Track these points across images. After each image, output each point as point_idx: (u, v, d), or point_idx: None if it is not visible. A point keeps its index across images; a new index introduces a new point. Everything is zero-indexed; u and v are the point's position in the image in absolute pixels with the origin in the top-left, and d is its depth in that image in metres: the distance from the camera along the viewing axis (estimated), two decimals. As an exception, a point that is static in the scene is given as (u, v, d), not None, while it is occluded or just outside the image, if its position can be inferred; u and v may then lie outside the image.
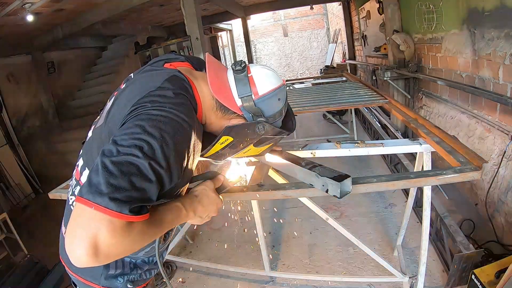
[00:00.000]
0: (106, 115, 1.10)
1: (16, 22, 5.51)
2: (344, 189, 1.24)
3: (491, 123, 3.14)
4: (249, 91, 1.13)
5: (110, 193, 0.75)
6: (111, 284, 1.18)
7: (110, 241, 0.74)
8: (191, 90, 1.07)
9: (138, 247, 0.85)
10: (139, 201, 0.79)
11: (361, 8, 8.37)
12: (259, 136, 1.18)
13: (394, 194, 3.77)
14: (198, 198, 1.11)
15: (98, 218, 0.73)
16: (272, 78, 1.18)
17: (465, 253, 2.26)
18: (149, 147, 0.84)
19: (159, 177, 0.84)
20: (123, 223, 0.76)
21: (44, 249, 3.85)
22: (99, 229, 0.73)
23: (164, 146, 0.86)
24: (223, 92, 1.14)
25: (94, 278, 1.18)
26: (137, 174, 0.80)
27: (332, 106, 3.16)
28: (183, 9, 5.61)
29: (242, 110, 1.14)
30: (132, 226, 0.78)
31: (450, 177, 1.38)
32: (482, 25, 3.17)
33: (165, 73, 1.07)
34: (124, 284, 1.20)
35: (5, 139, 6.18)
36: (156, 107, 0.93)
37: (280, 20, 17.09)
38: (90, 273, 1.18)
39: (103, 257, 0.75)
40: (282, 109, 1.21)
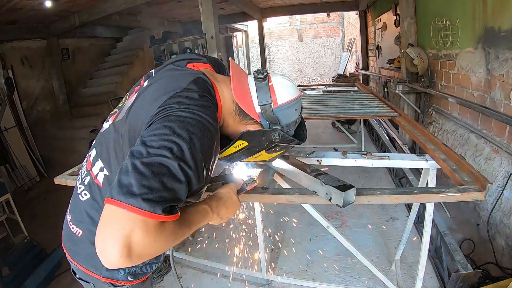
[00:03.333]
0: (127, 111, 1.12)
1: (34, 6, 5.57)
2: (347, 199, 1.25)
3: (500, 145, 3.13)
4: (269, 99, 1.17)
5: (143, 194, 0.76)
6: (112, 275, 1.19)
7: (144, 241, 0.76)
8: (214, 93, 1.10)
9: (169, 246, 0.86)
10: (170, 201, 0.81)
11: (378, 19, 8.37)
12: (272, 143, 1.21)
13: (396, 208, 3.76)
14: (223, 200, 1.14)
15: (132, 219, 0.75)
16: (291, 89, 1.22)
17: (463, 273, 2.26)
18: (178, 148, 0.86)
19: (188, 178, 0.86)
20: (156, 223, 0.77)
21: (44, 233, 3.88)
22: (133, 230, 0.74)
23: (193, 148, 0.88)
24: (244, 98, 1.17)
25: (96, 269, 1.19)
26: (167, 174, 0.82)
27: (341, 115, 3.17)
28: (201, 6, 5.64)
29: (260, 117, 1.18)
30: (164, 226, 0.80)
31: (453, 195, 1.38)
32: (497, 45, 3.15)
33: (190, 75, 1.09)
34: (125, 277, 1.22)
35: (15, 121, 6.25)
36: (183, 109, 0.95)
37: (296, 25, 17.11)
38: (93, 263, 1.18)
39: (136, 257, 0.76)
40: (297, 119, 1.26)
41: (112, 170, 1.10)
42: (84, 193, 1.18)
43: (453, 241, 2.61)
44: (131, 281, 1.24)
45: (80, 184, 1.21)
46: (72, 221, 1.23)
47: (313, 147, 5.89)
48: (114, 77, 8.83)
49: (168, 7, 8.16)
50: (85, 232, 1.17)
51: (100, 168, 1.13)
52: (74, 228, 1.21)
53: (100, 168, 1.13)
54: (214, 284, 2.86)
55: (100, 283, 1.22)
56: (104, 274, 1.19)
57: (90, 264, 1.19)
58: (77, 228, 1.20)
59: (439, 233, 2.76)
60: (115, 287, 1.23)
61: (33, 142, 6.72)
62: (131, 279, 1.23)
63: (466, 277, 2.26)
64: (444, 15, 4.17)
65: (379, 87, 8.33)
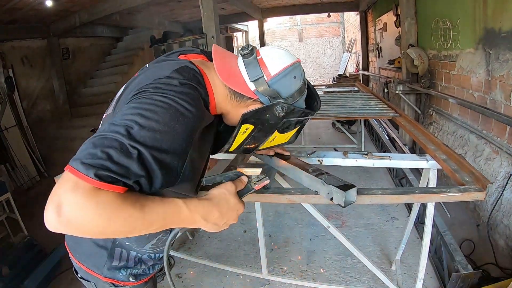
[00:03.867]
0: (115, 104, 1.11)
1: (34, 6, 5.57)
2: (348, 198, 1.25)
3: (500, 145, 3.13)
4: (260, 72, 1.05)
5: (84, 158, 0.74)
6: (113, 275, 1.19)
7: (71, 201, 0.72)
8: (203, 81, 1.02)
9: (109, 222, 0.75)
10: (114, 173, 0.75)
11: (378, 20, 8.38)
12: (280, 120, 1.10)
13: (396, 208, 3.76)
14: (214, 202, 0.97)
15: (67, 178, 0.73)
16: (284, 56, 1.09)
17: (463, 273, 2.26)
18: (139, 128, 0.81)
19: (142, 159, 0.79)
20: (88, 186, 0.72)
21: (44, 232, 3.80)
22: (65, 189, 0.73)
23: (157, 130, 0.82)
24: (233, 78, 1.07)
25: (97, 268, 1.18)
26: (117, 148, 0.77)
27: (342, 116, 3.17)
28: (201, 6, 5.65)
29: (257, 94, 1.06)
30: (98, 194, 0.73)
31: (454, 195, 1.38)
32: (497, 46, 3.16)
33: (175, 64, 1.02)
34: (126, 277, 1.21)
35: (15, 120, 6.24)
36: (157, 93, 0.89)
37: (297, 25, 17.14)
38: (93, 262, 1.19)
39: (65, 219, 0.72)
40: (301, 87, 1.11)
41: None
42: None
43: (453, 241, 2.61)
44: (132, 282, 1.23)
45: None
46: None
47: (313, 147, 5.91)
48: (114, 76, 8.82)
49: (169, 7, 8.17)
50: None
51: None
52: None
53: None
54: (214, 284, 2.86)
55: (101, 282, 1.21)
56: (105, 274, 1.18)
57: (91, 263, 1.19)
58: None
59: (439, 233, 2.76)
60: (116, 287, 1.23)
61: (33, 141, 6.71)
62: (133, 280, 1.23)
63: (466, 278, 2.26)
64: (444, 16, 4.18)
65: (380, 87, 8.34)
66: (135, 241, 1.18)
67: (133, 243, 1.18)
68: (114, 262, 1.17)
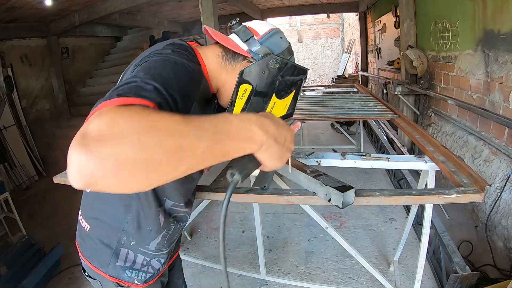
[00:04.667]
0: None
1: (34, 5, 5.57)
2: (346, 200, 1.25)
3: (498, 147, 3.14)
4: (250, 33, 1.09)
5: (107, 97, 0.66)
6: (118, 275, 1.17)
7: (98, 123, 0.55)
8: (193, 52, 1.03)
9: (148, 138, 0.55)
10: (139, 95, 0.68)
11: (378, 21, 8.39)
12: (276, 77, 1.09)
13: (395, 209, 3.77)
14: (263, 115, 0.77)
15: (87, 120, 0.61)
16: (267, 23, 1.16)
17: (461, 274, 2.26)
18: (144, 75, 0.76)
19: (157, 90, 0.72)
20: (113, 106, 0.61)
21: (42, 232, 3.88)
22: (87, 122, 0.57)
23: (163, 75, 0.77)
24: (226, 40, 1.10)
25: (101, 265, 1.17)
26: (131, 86, 0.71)
27: (341, 116, 3.17)
28: (201, 6, 5.65)
29: (250, 52, 1.08)
30: (127, 108, 0.60)
31: (452, 197, 1.39)
32: (496, 47, 3.17)
33: (167, 41, 1.03)
34: (132, 279, 1.19)
35: (14, 120, 6.23)
36: (155, 55, 0.89)
37: (296, 26, 17.13)
38: (98, 259, 1.17)
39: (92, 141, 0.53)
40: (289, 47, 1.15)
41: None
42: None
43: (452, 243, 2.61)
44: (138, 284, 1.21)
45: None
46: (82, 215, 1.21)
47: (312, 148, 5.92)
48: (113, 76, 8.80)
49: (168, 7, 8.16)
50: (92, 227, 1.16)
51: None
52: (83, 222, 1.19)
53: None
54: (212, 284, 2.86)
55: (106, 281, 1.19)
56: (110, 272, 1.17)
57: (97, 260, 1.18)
58: (85, 223, 1.18)
59: (437, 235, 2.76)
60: (121, 287, 1.21)
61: (32, 140, 6.70)
62: (138, 283, 1.21)
63: (464, 279, 2.27)
64: (444, 17, 4.19)
65: (379, 88, 8.35)
66: (140, 238, 1.15)
67: (138, 242, 1.15)
68: (118, 262, 1.16)
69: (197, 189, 1.62)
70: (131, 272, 1.18)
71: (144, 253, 1.19)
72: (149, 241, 1.17)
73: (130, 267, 1.18)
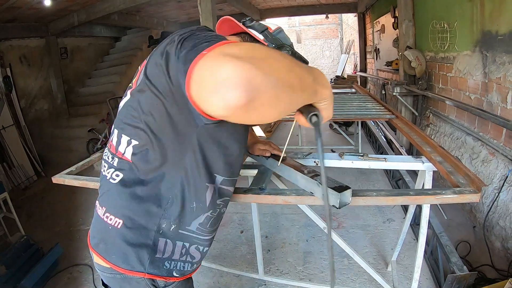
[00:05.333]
0: (143, 76, 1.04)
1: (33, 5, 5.57)
2: (343, 200, 1.26)
3: (496, 147, 3.15)
4: (265, 27, 1.22)
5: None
6: (157, 270, 1.12)
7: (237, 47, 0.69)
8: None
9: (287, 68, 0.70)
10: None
11: (376, 22, 8.40)
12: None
13: (393, 209, 3.78)
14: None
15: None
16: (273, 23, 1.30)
17: (459, 274, 2.27)
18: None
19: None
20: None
21: (41, 232, 3.88)
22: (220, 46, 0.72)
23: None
24: (246, 29, 1.20)
25: (139, 263, 1.10)
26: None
27: (338, 117, 3.18)
28: (200, 7, 5.65)
29: (266, 41, 1.19)
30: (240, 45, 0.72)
31: (448, 197, 1.39)
32: (494, 48, 3.18)
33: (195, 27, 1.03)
34: (170, 272, 1.15)
35: (13, 120, 6.23)
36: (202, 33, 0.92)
37: (295, 27, 17.16)
38: (136, 257, 1.10)
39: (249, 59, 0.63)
40: (292, 43, 1.30)
41: (141, 136, 1.03)
42: (116, 174, 1.11)
43: (449, 243, 2.62)
44: (176, 277, 1.17)
45: (108, 168, 1.14)
46: (108, 211, 1.13)
47: (310, 149, 5.92)
48: (112, 76, 8.82)
49: (167, 7, 8.17)
50: (126, 220, 1.09)
51: (127, 141, 1.07)
52: (112, 219, 1.11)
53: (128, 142, 1.07)
54: (210, 284, 2.87)
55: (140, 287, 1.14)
56: (148, 269, 1.11)
57: (132, 259, 1.10)
58: (115, 219, 1.11)
59: (435, 235, 2.77)
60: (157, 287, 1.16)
61: (31, 141, 6.71)
62: (177, 275, 1.17)
63: (461, 279, 2.27)
64: (442, 18, 4.20)
65: (377, 89, 8.36)
66: (181, 218, 1.11)
67: (179, 224, 1.11)
68: (157, 254, 1.11)
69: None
70: (170, 263, 1.14)
71: (183, 237, 1.14)
72: (190, 221, 1.13)
73: (169, 258, 1.13)
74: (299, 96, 0.75)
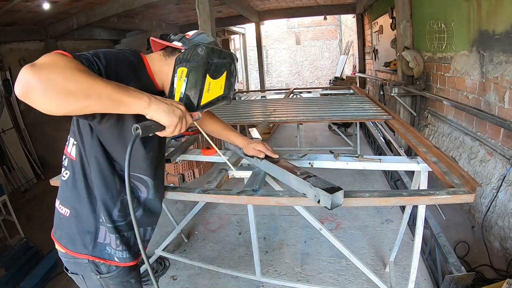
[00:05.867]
0: None
1: (32, 8, 5.58)
2: (335, 201, 1.26)
3: (494, 147, 3.15)
4: (182, 35, 1.35)
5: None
6: (100, 253, 1.31)
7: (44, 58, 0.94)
8: (140, 56, 1.30)
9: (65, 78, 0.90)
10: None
11: (375, 22, 8.42)
12: (206, 59, 1.25)
13: (391, 210, 3.77)
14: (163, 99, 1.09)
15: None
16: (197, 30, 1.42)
17: (456, 275, 2.27)
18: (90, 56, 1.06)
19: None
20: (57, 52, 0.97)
21: (41, 234, 3.88)
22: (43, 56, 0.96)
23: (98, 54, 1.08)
24: (164, 41, 1.35)
25: (84, 246, 1.29)
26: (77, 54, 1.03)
27: (336, 118, 3.18)
28: (198, 9, 5.66)
29: (183, 46, 1.28)
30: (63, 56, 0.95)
31: (442, 198, 1.39)
32: (491, 48, 3.18)
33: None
34: (111, 256, 1.32)
35: (12, 123, 6.25)
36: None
37: (294, 28, 17.18)
38: (81, 241, 1.30)
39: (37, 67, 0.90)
40: (215, 41, 1.37)
41: (77, 138, 1.24)
42: (66, 172, 1.31)
43: (447, 243, 2.62)
44: (117, 262, 1.33)
45: (62, 168, 1.34)
46: (60, 203, 1.33)
47: (309, 150, 5.94)
48: (111, 79, 8.82)
49: (166, 10, 8.19)
50: (72, 210, 1.29)
51: (72, 143, 1.28)
52: (62, 209, 1.32)
53: (72, 143, 1.28)
54: (208, 286, 2.87)
55: (88, 271, 1.32)
56: (92, 252, 1.29)
57: (79, 243, 1.30)
58: (65, 209, 1.31)
59: (433, 235, 2.77)
60: (101, 274, 1.33)
61: (31, 143, 6.72)
62: (117, 260, 1.33)
63: (459, 279, 2.27)
64: (439, 18, 4.20)
65: (376, 90, 8.37)
66: (104, 208, 1.27)
67: (107, 216, 1.28)
68: (99, 239, 1.30)
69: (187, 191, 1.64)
70: (110, 249, 1.32)
71: (112, 229, 1.30)
72: (111, 210, 1.29)
73: (109, 244, 1.31)
74: (83, 100, 0.92)
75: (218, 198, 1.59)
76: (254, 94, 7.49)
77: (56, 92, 0.88)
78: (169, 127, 1.08)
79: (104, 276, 1.33)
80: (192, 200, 1.70)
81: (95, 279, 1.33)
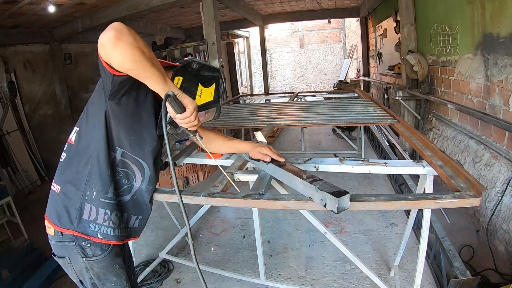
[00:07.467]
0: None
1: (37, 11, 5.61)
2: (341, 205, 1.26)
3: (499, 151, 3.14)
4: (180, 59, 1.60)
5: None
6: (84, 229, 1.42)
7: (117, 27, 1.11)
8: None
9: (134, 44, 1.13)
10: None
11: (379, 26, 8.41)
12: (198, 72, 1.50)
13: (396, 214, 3.76)
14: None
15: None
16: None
17: (461, 279, 2.25)
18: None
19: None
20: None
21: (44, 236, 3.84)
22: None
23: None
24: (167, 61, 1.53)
25: (70, 222, 1.42)
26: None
27: (340, 122, 3.17)
28: (202, 13, 5.69)
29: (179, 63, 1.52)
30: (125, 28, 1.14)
31: (448, 201, 1.39)
32: (496, 51, 3.17)
33: None
34: (95, 233, 1.43)
35: (17, 125, 6.28)
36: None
37: (298, 31, 17.21)
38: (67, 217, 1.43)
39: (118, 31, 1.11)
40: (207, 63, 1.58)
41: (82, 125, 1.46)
42: (63, 155, 1.50)
43: (452, 247, 2.60)
44: (100, 239, 1.44)
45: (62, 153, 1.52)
46: (54, 181, 1.49)
47: (313, 154, 5.93)
48: (116, 82, 8.83)
49: (170, 14, 8.21)
50: (62, 186, 1.45)
51: (75, 131, 1.49)
52: (55, 186, 1.48)
53: (74, 131, 1.49)
54: (212, 289, 2.87)
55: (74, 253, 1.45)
56: (76, 228, 1.41)
57: (65, 219, 1.43)
58: (57, 186, 1.47)
59: (438, 239, 2.75)
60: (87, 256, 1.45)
61: (35, 145, 6.75)
62: (101, 237, 1.44)
63: (464, 284, 2.25)
64: (443, 21, 4.20)
65: (380, 93, 8.35)
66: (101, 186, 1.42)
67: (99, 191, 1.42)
68: (84, 216, 1.42)
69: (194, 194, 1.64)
70: (95, 226, 1.43)
71: (104, 204, 1.44)
72: (107, 188, 1.44)
73: (94, 221, 1.43)
74: (150, 65, 1.18)
75: (224, 201, 1.59)
76: (258, 97, 7.49)
77: (137, 49, 1.13)
78: (188, 108, 1.29)
79: (89, 259, 1.45)
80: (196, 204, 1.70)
81: (81, 262, 1.46)
